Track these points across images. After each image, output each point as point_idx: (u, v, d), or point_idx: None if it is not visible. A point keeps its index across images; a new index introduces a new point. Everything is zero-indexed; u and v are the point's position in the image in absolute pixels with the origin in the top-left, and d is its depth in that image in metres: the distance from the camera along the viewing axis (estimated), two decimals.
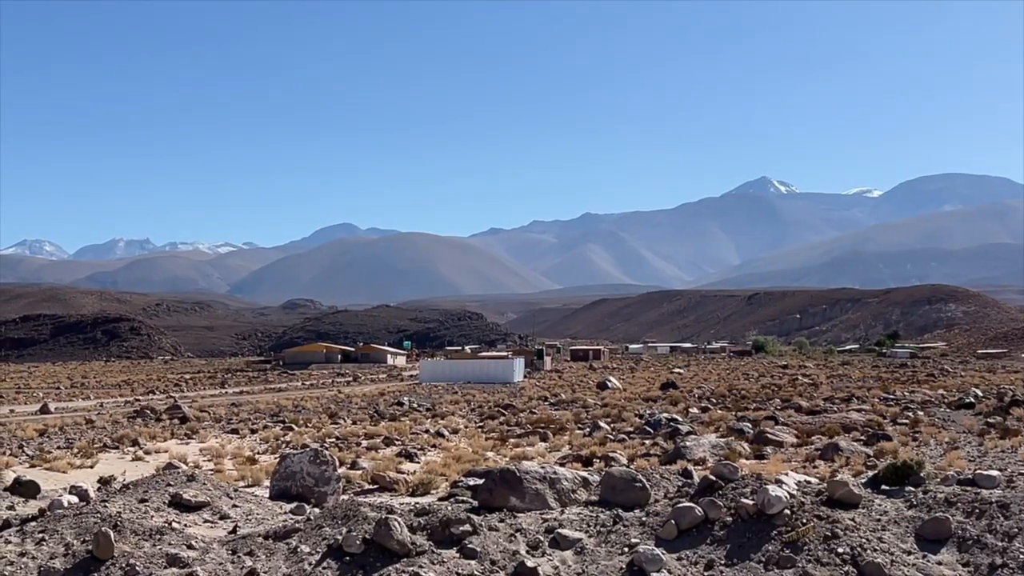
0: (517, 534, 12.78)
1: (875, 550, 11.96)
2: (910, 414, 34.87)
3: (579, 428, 33.75)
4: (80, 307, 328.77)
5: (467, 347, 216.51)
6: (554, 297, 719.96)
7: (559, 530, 12.94)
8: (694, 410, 40.45)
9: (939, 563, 11.90)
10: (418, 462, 25.27)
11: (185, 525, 13.43)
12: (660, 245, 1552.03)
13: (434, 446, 29.51)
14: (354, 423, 37.83)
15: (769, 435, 27.99)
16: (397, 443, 29.70)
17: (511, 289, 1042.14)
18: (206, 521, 14.07)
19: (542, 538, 12.72)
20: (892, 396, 45.85)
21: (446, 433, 33.18)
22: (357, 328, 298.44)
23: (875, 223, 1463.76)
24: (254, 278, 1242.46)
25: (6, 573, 11.22)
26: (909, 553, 12.10)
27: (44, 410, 47.08)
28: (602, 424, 33.43)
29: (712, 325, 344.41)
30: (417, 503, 14.55)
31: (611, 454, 24.05)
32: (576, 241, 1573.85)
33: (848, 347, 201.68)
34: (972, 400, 39.96)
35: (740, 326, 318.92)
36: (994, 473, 14.65)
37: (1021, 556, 11.72)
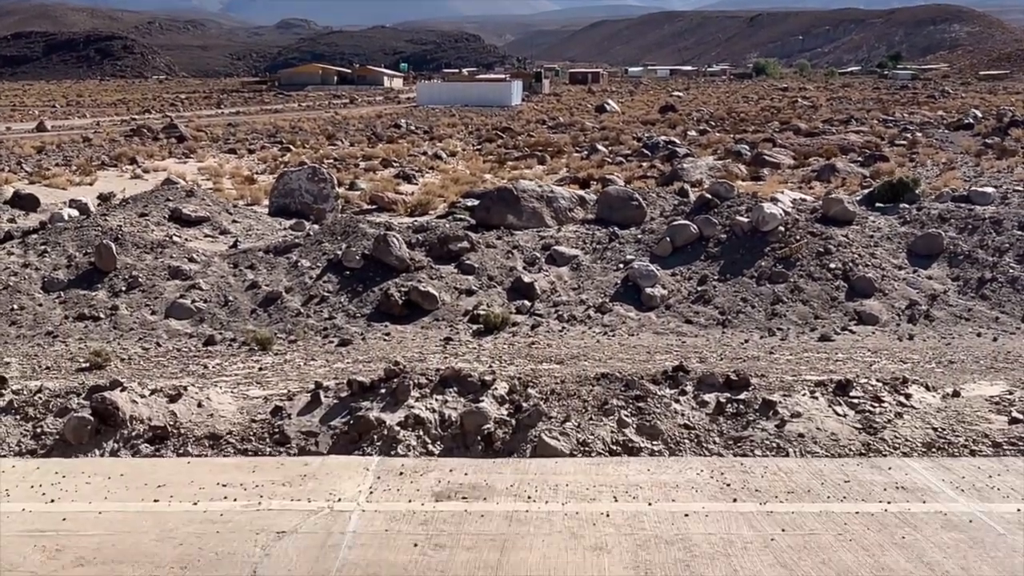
0: (514, 251, 12.97)
1: (867, 265, 12.17)
2: (908, 135, 34.77)
3: (577, 151, 33.69)
4: (71, 24, 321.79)
5: (464, 70, 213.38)
6: (553, 19, 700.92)
7: (556, 247, 13.13)
8: (692, 133, 40.25)
9: (929, 277, 12.14)
10: (416, 184, 25.40)
11: (186, 239, 13.58)
12: None
13: (432, 168, 29.59)
14: (352, 145, 37.73)
15: (766, 157, 27.99)
16: (395, 165, 29.75)
17: (509, 10, 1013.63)
18: (206, 236, 14.22)
19: (539, 254, 12.92)
20: (891, 118, 45.56)
21: (444, 155, 33.17)
22: (353, 49, 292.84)
23: None
24: None
25: (11, 284, 11.42)
26: (900, 268, 12.32)
27: (40, 128, 46.80)
28: (600, 147, 33.35)
29: (713, 47, 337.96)
30: (416, 221, 14.67)
31: (608, 176, 24.09)
32: None
33: (850, 69, 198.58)
34: (971, 121, 39.79)
35: (741, 48, 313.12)
36: (989, 190, 14.72)
37: (1011, 271, 11.95)
